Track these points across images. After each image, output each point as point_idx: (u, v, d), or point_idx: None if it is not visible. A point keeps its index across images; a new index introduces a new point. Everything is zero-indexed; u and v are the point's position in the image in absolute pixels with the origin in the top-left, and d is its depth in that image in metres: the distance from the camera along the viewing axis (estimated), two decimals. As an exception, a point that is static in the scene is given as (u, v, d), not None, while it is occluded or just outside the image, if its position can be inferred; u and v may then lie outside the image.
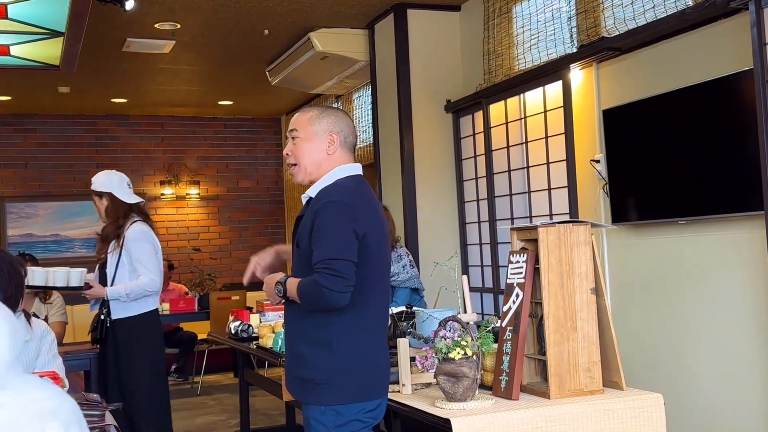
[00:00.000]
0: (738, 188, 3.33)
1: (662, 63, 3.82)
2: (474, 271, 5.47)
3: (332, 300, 2.33)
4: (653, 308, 3.90)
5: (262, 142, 9.71)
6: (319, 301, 2.36)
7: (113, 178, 4.34)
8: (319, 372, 2.42)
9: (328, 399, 2.42)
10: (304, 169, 2.57)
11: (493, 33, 5.18)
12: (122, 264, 4.22)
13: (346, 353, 2.43)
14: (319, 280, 2.33)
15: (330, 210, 2.41)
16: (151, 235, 4.31)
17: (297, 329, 2.52)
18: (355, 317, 2.45)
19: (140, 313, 4.20)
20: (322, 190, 2.51)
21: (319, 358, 2.43)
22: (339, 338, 2.43)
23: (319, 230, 2.40)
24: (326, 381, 2.42)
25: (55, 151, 8.85)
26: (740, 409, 3.44)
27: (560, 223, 2.67)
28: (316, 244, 2.39)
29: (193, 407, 6.94)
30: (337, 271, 2.33)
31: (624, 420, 2.58)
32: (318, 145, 2.55)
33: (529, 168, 4.87)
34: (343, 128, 2.58)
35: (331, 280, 2.32)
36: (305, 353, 2.46)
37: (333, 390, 2.41)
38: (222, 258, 9.44)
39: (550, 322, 2.62)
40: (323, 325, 2.43)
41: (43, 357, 2.64)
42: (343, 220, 2.40)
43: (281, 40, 6.24)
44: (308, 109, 2.64)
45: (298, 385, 2.50)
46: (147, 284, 4.17)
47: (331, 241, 2.37)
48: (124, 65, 6.82)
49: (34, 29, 4.53)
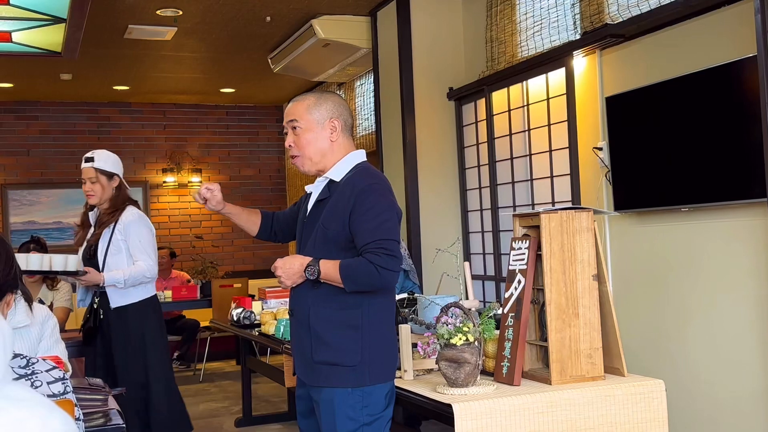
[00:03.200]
0: (741, 175, 3.32)
1: (666, 50, 3.80)
2: (476, 258, 5.47)
3: (389, 279, 2.38)
4: (655, 295, 3.90)
5: (264, 130, 9.71)
6: (374, 281, 2.37)
7: (119, 161, 4.14)
8: (349, 355, 2.43)
9: (358, 381, 2.44)
10: (310, 159, 2.56)
11: (496, 20, 5.16)
12: (117, 250, 4.01)
13: (375, 335, 2.47)
14: (374, 261, 2.35)
15: (375, 193, 2.45)
16: (147, 220, 4.14)
17: (321, 313, 2.48)
18: (382, 299, 2.50)
19: (143, 298, 4.06)
20: (355, 173, 2.52)
21: (348, 341, 2.44)
22: (369, 320, 2.46)
23: (369, 211, 2.41)
24: (356, 363, 2.43)
25: (57, 138, 8.85)
26: (742, 395, 3.45)
27: (563, 210, 2.67)
28: (362, 226, 2.41)
29: (196, 394, 6.97)
30: (391, 251, 2.38)
31: (625, 406, 2.59)
32: (320, 133, 2.55)
33: (531, 156, 4.86)
34: (342, 112, 2.59)
35: (387, 260, 2.36)
36: (332, 337, 2.45)
37: (363, 371, 2.44)
38: (224, 246, 9.45)
39: (551, 309, 2.62)
40: (353, 307, 2.45)
41: (46, 341, 2.65)
42: (390, 201, 2.47)
43: (283, 27, 6.22)
44: (304, 96, 2.61)
45: (322, 369, 2.47)
46: (146, 270, 3.99)
47: (384, 222, 2.41)
48: (126, 52, 6.81)
49: (36, 15, 4.53)
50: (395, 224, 2.45)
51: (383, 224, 2.40)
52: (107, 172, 4.04)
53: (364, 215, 2.41)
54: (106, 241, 4.00)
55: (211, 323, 6.52)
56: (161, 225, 9.22)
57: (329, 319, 2.47)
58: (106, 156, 4.09)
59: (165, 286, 7.96)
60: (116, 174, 4.07)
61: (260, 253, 9.49)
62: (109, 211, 4.05)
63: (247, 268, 9.35)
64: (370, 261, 2.36)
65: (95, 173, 4.02)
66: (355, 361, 2.44)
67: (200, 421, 5.90)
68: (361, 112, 7.50)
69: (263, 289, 5.45)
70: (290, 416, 5.71)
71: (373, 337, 2.47)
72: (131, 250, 4.01)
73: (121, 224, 4.01)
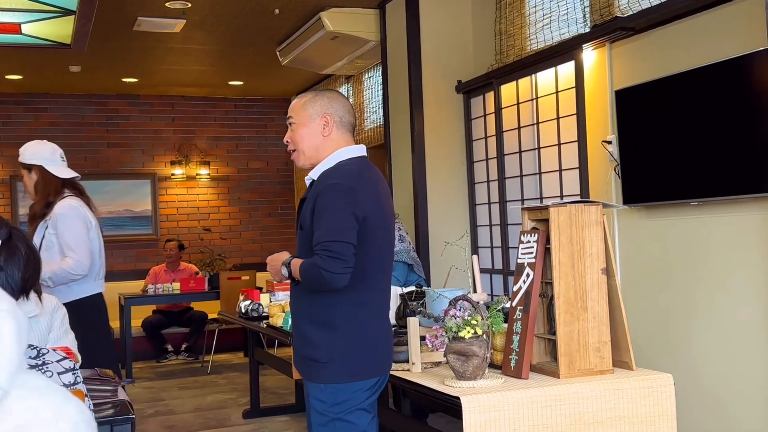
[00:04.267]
0: (751, 170, 3.31)
1: (676, 43, 3.79)
2: (483, 252, 5.47)
3: (331, 281, 2.37)
4: (664, 289, 3.89)
5: (272, 123, 9.71)
6: (319, 282, 2.40)
7: (44, 149, 3.84)
8: (322, 351, 2.48)
9: (329, 377, 2.47)
10: (303, 153, 2.62)
11: (505, 13, 5.14)
12: (50, 245, 3.69)
13: (348, 334, 2.48)
14: (317, 262, 2.37)
15: (331, 193, 2.44)
16: (82, 211, 3.77)
17: (302, 309, 2.57)
18: (357, 298, 2.49)
19: (80, 297, 3.67)
20: (324, 173, 2.54)
21: (322, 338, 2.48)
22: (341, 319, 2.48)
23: (320, 213, 2.43)
24: (328, 360, 2.47)
25: (66, 130, 8.87)
26: (750, 390, 3.44)
27: (572, 203, 2.67)
28: (317, 226, 2.44)
29: (204, 386, 6.99)
30: (335, 252, 2.36)
31: (633, 400, 2.59)
32: (313, 128, 2.59)
33: (540, 149, 4.85)
34: (337, 108, 2.61)
35: (329, 262, 2.36)
36: (310, 333, 2.52)
37: (334, 369, 2.47)
38: (232, 238, 9.46)
39: (560, 302, 2.62)
40: (327, 306, 2.48)
41: (55, 332, 2.66)
42: (343, 202, 2.43)
43: (292, 19, 6.22)
44: (303, 94, 2.67)
45: (303, 363, 2.56)
46: (73, 267, 3.61)
47: (331, 223, 2.40)
48: (135, 44, 6.81)
49: (45, 7, 4.53)
50: (345, 226, 2.41)
51: (331, 226, 2.40)
52: (25, 164, 3.81)
53: (318, 216, 2.45)
54: (39, 237, 3.72)
55: (219, 315, 6.54)
56: (169, 217, 9.25)
57: (309, 315, 2.54)
58: (24, 148, 3.84)
59: (173, 278, 8.00)
60: (35, 165, 3.79)
61: (268, 246, 9.50)
62: (42, 204, 3.77)
63: (255, 260, 9.36)
64: (315, 263, 2.39)
65: (21, 169, 3.84)
66: (327, 358, 2.47)
67: (208, 412, 5.92)
68: (369, 105, 7.49)
69: (271, 282, 5.46)
70: (297, 408, 5.73)
71: (348, 336, 2.48)
72: (61, 246, 3.67)
73: (53, 216, 3.72)
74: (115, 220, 9.04)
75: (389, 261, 2.65)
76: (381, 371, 2.57)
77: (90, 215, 3.82)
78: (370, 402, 2.55)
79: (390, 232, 2.63)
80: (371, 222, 2.47)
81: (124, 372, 7.18)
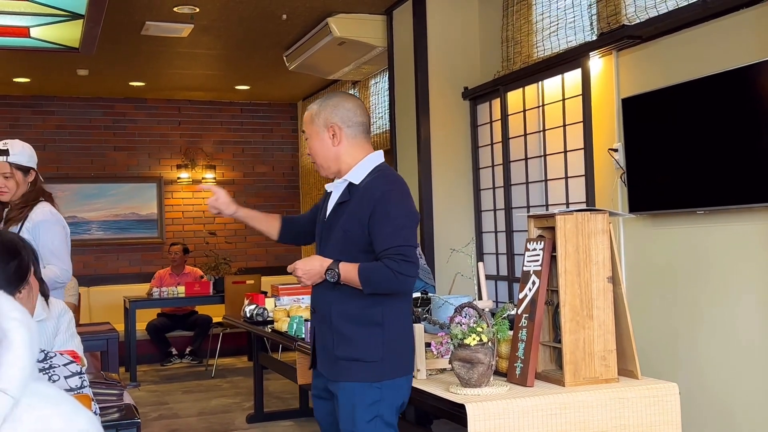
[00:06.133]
0: (757, 179, 3.30)
1: (683, 52, 3.79)
2: (489, 259, 5.47)
3: (406, 284, 2.49)
4: (670, 298, 3.89)
5: (278, 128, 9.73)
6: (391, 285, 2.48)
7: (35, 153, 3.65)
8: (370, 350, 2.53)
9: (378, 375, 2.53)
10: (321, 165, 2.71)
11: (512, 20, 5.15)
12: None
13: (396, 331, 2.57)
14: (391, 266, 2.45)
15: (395, 198, 2.54)
16: (61, 218, 3.63)
17: (342, 310, 2.57)
18: (403, 297, 2.60)
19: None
20: (374, 180, 2.59)
21: (370, 337, 2.54)
22: (389, 317, 2.55)
23: (387, 217, 2.50)
24: (378, 358, 2.53)
25: (73, 133, 8.91)
26: (756, 399, 3.43)
27: (578, 212, 2.67)
28: (382, 231, 2.49)
29: (208, 390, 7.00)
30: (408, 257, 2.47)
31: (639, 409, 2.58)
32: (323, 140, 2.66)
33: (546, 156, 4.85)
34: (343, 115, 2.65)
35: (405, 266, 2.46)
36: (354, 333, 2.55)
37: (383, 366, 2.53)
38: (237, 242, 9.47)
39: (566, 310, 2.62)
40: (374, 305, 2.54)
41: (62, 335, 2.66)
42: (407, 207, 2.55)
43: (299, 25, 6.23)
44: (311, 106, 2.74)
45: (341, 365, 2.56)
46: (59, 275, 3.47)
47: (402, 228, 2.50)
48: (143, 48, 6.84)
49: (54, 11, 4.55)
50: (412, 230, 2.55)
51: (400, 230, 2.49)
52: (23, 167, 3.62)
53: (382, 220, 2.50)
54: None
55: (224, 319, 6.55)
56: (175, 221, 9.27)
57: (350, 316, 2.56)
58: (21, 148, 3.64)
59: (178, 282, 8.01)
60: (33, 168, 3.65)
61: (273, 250, 9.51)
62: (19, 207, 3.59)
63: (260, 264, 9.38)
64: (388, 266, 2.45)
65: (10, 168, 3.59)
66: (377, 356, 2.53)
67: (212, 416, 5.93)
68: (375, 110, 7.50)
69: (276, 286, 5.46)
70: (301, 413, 5.73)
71: (394, 333, 2.57)
72: (42, 253, 3.32)
73: (30, 222, 3.53)
74: (121, 223, 9.06)
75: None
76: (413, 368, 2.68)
77: (65, 222, 3.70)
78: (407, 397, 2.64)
79: None
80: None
81: (128, 375, 7.19)
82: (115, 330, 4.69)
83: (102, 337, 4.53)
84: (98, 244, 8.99)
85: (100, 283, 8.81)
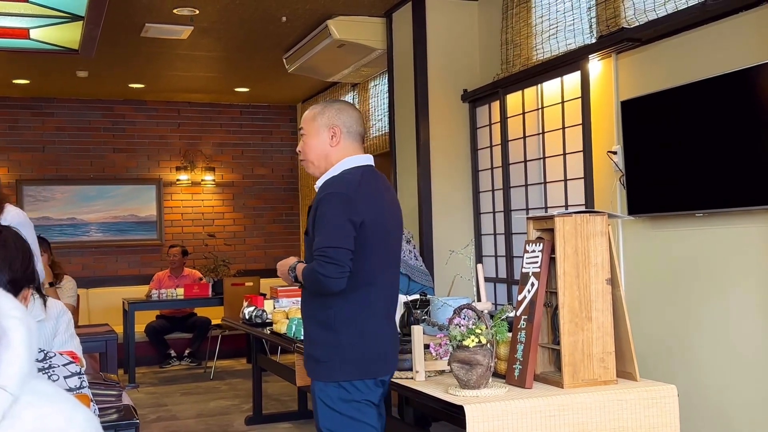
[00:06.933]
0: (757, 181, 3.31)
1: (682, 55, 3.79)
2: (488, 261, 5.47)
3: (327, 285, 2.52)
4: (668, 300, 3.89)
5: (277, 130, 9.73)
6: (317, 286, 2.56)
7: None
8: (322, 350, 2.63)
9: (327, 375, 2.61)
10: (312, 162, 2.77)
11: (512, 22, 5.16)
12: None
13: (345, 334, 2.60)
14: (315, 267, 2.53)
15: (328, 201, 2.59)
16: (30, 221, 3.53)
17: (307, 310, 2.73)
18: (356, 301, 2.61)
19: None
20: (327, 182, 2.69)
21: (322, 338, 2.63)
22: (339, 320, 2.60)
23: (319, 220, 2.58)
24: (327, 359, 2.61)
25: (73, 135, 8.91)
26: (755, 401, 3.44)
27: (577, 213, 2.67)
28: (316, 233, 2.58)
29: (206, 392, 6.99)
30: (331, 258, 2.51)
31: (637, 410, 2.59)
32: (322, 139, 2.73)
33: (545, 159, 4.86)
34: (345, 120, 2.74)
35: (326, 267, 2.51)
36: (312, 332, 2.68)
37: (332, 367, 2.60)
38: (236, 244, 9.48)
39: (564, 312, 2.62)
40: (326, 307, 2.62)
41: (61, 336, 2.66)
42: (339, 210, 2.57)
43: (299, 27, 6.24)
44: (313, 106, 2.82)
45: (307, 362, 2.71)
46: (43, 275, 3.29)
47: (328, 230, 2.55)
48: (142, 50, 6.84)
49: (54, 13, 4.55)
50: (342, 232, 2.54)
51: (328, 232, 2.54)
52: None
53: (317, 222, 2.59)
54: None
55: (223, 321, 6.55)
56: (174, 223, 9.27)
57: (312, 316, 2.69)
58: None
59: (177, 284, 8.00)
60: None
61: (272, 252, 9.51)
62: None
63: (259, 266, 9.37)
64: (313, 268, 2.54)
65: None
66: (327, 357, 2.61)
67: (210, 418, 5.92)
68: (374, 113, 7.50)
69: (275, 288, 5.46)
70: (300, 415, 5.73)
71: (344, 338, 2.60)
72: None
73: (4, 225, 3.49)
74: (120, 224, 9.06)
75: (392, 264, 2.75)
76: (380, 372, 2.65)
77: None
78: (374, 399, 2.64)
79: (394, 236, 2.75)
80: (370, 227, 2.59)
81: (127, 377, 7.19)
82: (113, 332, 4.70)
83: (101, 338, 4.54)
84: (97, 246, 8.99)
85: (98, 285, 8.81)
